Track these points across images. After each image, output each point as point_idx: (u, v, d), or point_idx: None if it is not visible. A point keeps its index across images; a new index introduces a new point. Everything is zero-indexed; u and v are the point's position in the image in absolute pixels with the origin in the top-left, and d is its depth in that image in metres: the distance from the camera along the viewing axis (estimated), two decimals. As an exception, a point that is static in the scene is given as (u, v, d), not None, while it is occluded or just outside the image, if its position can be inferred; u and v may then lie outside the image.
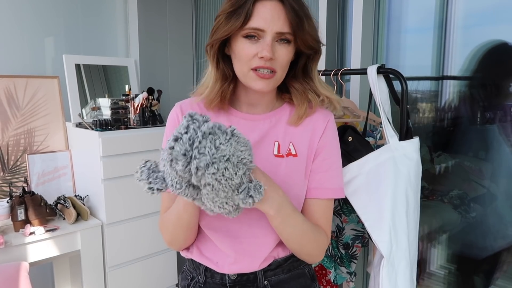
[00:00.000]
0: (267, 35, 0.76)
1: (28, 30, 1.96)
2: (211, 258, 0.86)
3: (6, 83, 1.84)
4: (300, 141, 0.86)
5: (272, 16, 0.75)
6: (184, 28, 2.46)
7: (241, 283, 0.85)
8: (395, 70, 1.11)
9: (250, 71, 0.79)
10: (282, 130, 0.86)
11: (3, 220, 1.64)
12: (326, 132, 0.86)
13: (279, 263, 0.87)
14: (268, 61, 0.77)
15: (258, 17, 0.76)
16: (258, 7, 0.76)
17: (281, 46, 0.78)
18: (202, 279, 0.87)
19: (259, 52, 0.77)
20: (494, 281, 1.39)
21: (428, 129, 1.52)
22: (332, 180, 0.86)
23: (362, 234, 1.36)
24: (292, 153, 0.85)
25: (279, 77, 0.81)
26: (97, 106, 2.02)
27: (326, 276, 1.47)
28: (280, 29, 0.76)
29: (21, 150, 1.86)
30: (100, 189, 1.73)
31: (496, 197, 1.36)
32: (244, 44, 0.78)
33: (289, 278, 0.88)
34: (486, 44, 1.32)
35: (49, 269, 2.06)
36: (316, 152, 0.86)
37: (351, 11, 1.61)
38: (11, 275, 1.41)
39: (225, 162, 0.63)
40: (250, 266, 0.84)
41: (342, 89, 1.31)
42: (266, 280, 0.86)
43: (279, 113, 0.88)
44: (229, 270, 0.85)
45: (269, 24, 0.76)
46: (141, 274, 1.89)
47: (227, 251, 0.84)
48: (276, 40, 0.78)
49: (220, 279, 0.85)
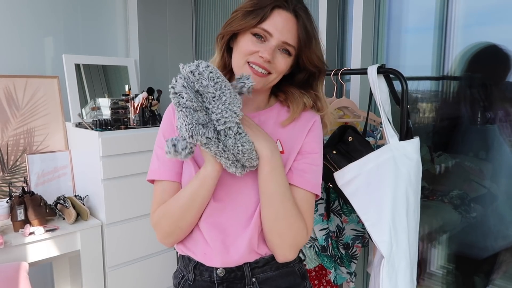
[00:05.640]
0: (273, 40, 0.82)
1: (27, 30, 1.96)
2: (201, 249, 0.88)
3: (6, 83, 1.84)
4: (287, 139, 0.89)
5: (284, 26, 0.82)
6: (184, 28, 2.46)
7: (229, 280, 0.86)
8: (395, 70, 1.11)
9: (245, 64, 0.84)
10: (270, 128, 0.89)
11: (3, 220, 1.64)
12: (312, 131, 0.90)
13: (267, 261, 0.88)
14: (266, 62, 0.83)
15: (272, 22, 0.82)
16: (275, 14, 0.82)
17: (281, 55, 0.84)
18: (192, 277, 0.89)
19: (260, 51, 0.82)
20: (492, 281, 1.39)
21: (428, 129, 1.52)
22: (313, 174, 0.89)
23: (362, 234, 1.35)
24: (279, 150, 0.87)
25: (272, 80, 0.86)
26: (97, 106, 2.01)
27: (326, 276, 1.46)
28: (287, 39, 0.83)
29: (21, 150, 1.86)
30: (100, 189, 1.73)
31: (497, 197, 1.35)
32: (250, 40, 0.83)
33: (277, 276, 0.89)
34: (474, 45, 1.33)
35: (49, 269, 2.06)
36: (301, 149, 0.89)
37: (351, 11, 1.61)
38: (11, 275, 1.41)
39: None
40: (235, 257, 0.86)
41: (342, 89, 1.31)
42: (254, 277, 0.87)
43: (268, 112, 0.92)
44: (216, 262, 0.86)
45: (279, 32, 0.82)
46: (140, 274, 1.89)
47: (214, 243, 0.86)
48: (279, 49, 0.84)
49: (209, 277, 0.87)
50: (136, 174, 1.81)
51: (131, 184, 1.79)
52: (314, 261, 1.34)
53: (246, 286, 0.87)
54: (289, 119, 0.90)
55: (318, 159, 0.90)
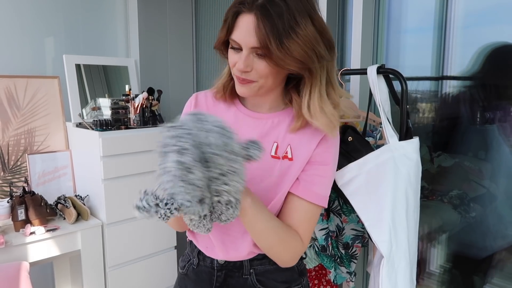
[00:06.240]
0: (244, 49, 0.77)
1: (28, 30, 1.96)
2: (203, 242, 0.93)
3: (7, 83, 1.84)
4: (298, 145, 0.86)
5: (246, 29, 0.75)
6: (184, 28, 2.46)
7: (228, 268, 0.91)
8: (395, 70, 1.11)
9: (234, 75, 0.82)
10: (283, 132, 0.86)
11: (4, 220, 1.64)
12: (324, 141, 0.85)
13: (266, 255, 0.89)
14: (244, 73, 0.78)
15: (237, 29, 0.76)
16: (239, 21, 0.76)
17: (259, 60, 0.77)
18: (196, 262, 0.95)
19: (237, 63, 0.78)
20: (491, 280, 1.40)
21: (428, 129, 1.52)
22: (321, 186, 0.85)
23: (362, 234, 1.36)
24: (288, 157, 0.85)
25: (263, 84, 0.80)
26: (97, 106, 2.02)
27: (326, 276, 1.47)
28: (251, 43, 0.75)
29: (22, 150, 1.86)
30: (100, 189, 1.73)
31: (496, 197, 1.36)
32: (230, 52, 0.80)
33: (274, 270, 0.90)
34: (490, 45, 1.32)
35: (50, 269, 2.06)
36: (311, 158, 0.85)
37: (351, 11, 1.61)
38: (12, 275, 1.41)
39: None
40: (234, 256, 0.89)
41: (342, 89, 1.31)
42: (252, 268, 0.90)
43: (283, 114, 0.88)
44: (217, 256, 0.91)
45: (243, 38, 0.75)
46: (141, 274, 1.89)
47: (215, 241, 0.90)
48: (255, 53, 0.77)
49: (210, 263, 0.92)
50: (136, 174, 1.81)
51: (132, 184, 1.80)
52: (314, 260, 1.34)
53: (243, 275, 0.90)
54: (295, 127, 0.85)
55: (329, 170, 0.86)
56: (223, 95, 0.91)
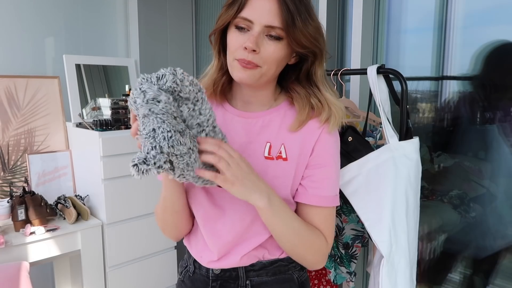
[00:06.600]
0: (255, 26, 0.75)
1: (28, 30, 1.96)
2: (198, 250, 0.90)
3: (7, 83, 1.84)
4: (292, 144, 0.83)
5: (264, 9, 0.74)
6: (184, 28, 2.46)
7: (223, 279, 0.87)
8: (395, 70, 1.11)
9: (234, 60, 0.78)
10: (276, 131, 0.83)
11: (4, 220, 1.64)
12: (321, 138, 0.82)
13: (264, 265, 0.86)
14: (250, 53, 0.75)
15: (250, 8, 0.75)
16: (253, 1, 0.75)
17: (269, 42, 0.76)
18: (192, 269, 0.92)
19: (244, 42, 0.75)
20: (492, 280, 1.40)
21: (428, 129, 1.52)
22: (329, 188, 0.83)
23: (362, 234, 1.36)
24: (282, 157, 0.82)
25: (266, 72, 0.78)
26: (97, 106, 2.02)
27: (326, 276, 1.47)
28: (269, 22, 0.74)
29: (22, 150, 1.87)
30: (100, 189, 1.73)
31: (496, 197, 1.36)
32: (234, 34, 0.77)
33: (272, 282, 0.87)
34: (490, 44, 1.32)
35: (50, 269, 2.06)
36: (311, 159, 0.83)
37: (351, 11, 1.61)
38: (12, 275, 1.41)
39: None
40: (230, 263, 0.86)
41: (342, 89, 1.31)
42: (248, 279, 0.86)
43: (273, 112, 0.85)
44: (211, 266, 0.88)
45: (259, 16, 0.74)
46: (141, 274, 1.89)
47: (212, 247, 0.87)
48: (266, 35, 0.76)
49: (206, 272, 0.89)
50: (136, 174, 1.81)
51: (132, 184, 1.80)
52: (314, 260, 1.34)
53: (239, 287, 0.87)
54: (296, 124, 0.82)
55: (332, 170, 0.84)
56: (213, 92, 0.87)
